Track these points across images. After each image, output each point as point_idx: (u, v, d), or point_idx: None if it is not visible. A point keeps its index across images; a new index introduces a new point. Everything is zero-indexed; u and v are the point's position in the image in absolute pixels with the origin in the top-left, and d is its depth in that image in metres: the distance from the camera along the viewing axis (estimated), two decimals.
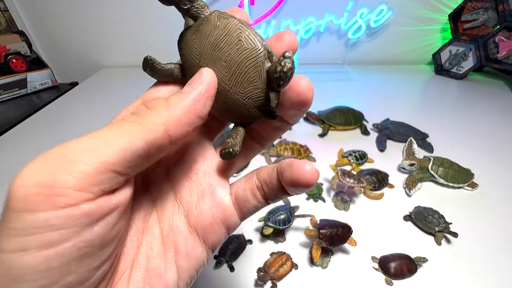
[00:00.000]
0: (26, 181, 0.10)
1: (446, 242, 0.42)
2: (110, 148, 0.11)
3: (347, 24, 0.99)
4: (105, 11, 1.01)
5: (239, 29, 0.15)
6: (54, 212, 0.09)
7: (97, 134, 0.11)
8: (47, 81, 0.94)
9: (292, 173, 0.14)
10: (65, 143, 0.11)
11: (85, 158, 0.10)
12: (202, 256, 0.16)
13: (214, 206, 0.16)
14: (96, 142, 0.11)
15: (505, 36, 0.88)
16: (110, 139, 0.11)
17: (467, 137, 0.67)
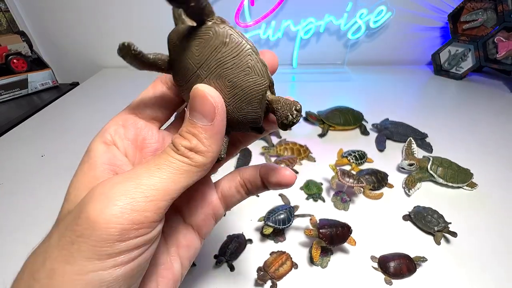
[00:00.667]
0: (120, 219, 0.12)
1: (445, 241, 0.42)
2: (177, 187, 0.14)
3: (346, 25, 1.00)
4: (106, 11, 1.01)
5: (249, 55, 0.15)
6: (141, 238, 0.13)
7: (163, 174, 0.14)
8: (48, 81, 0.95)
9: (277, 177, 0.19)
10: (139, 182, 0.13)
11: (162, 197, 0.13)
12: (198, 245, 0.20)
13: (205, 205, 0.20)
14: (167, 182, 0.14)
15: (504, 36, 0.88)
16: (177, 180, 0.14)
17: (466, 137, 0.67)
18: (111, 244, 0.12)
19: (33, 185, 0.53)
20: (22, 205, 0.49)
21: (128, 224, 0.12)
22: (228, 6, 0.97)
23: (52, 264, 0.12)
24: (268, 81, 0.16)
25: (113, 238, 0.12)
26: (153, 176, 0.14)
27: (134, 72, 0.98)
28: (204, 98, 0.15)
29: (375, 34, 1.07)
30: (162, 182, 0.14)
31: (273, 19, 0.99)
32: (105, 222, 0.12)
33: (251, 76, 0.15)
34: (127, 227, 0.12)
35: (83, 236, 0.12)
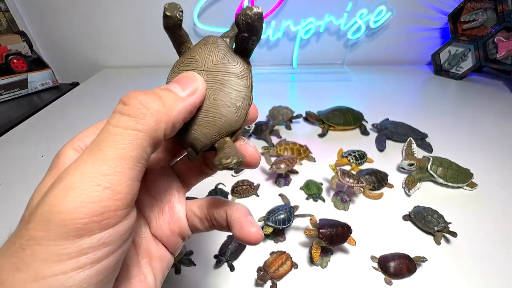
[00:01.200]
0: (77, 213, 0.11)
1: (445, 241, 0.42)
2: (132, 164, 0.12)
3: (346, 25, 1.00)
4: (106, 11, 1.01)
5: (244, 98, 0.17)
6: (105, 232, 0.11)
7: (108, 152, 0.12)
8: (48, 81, 0.95)
9: (240, 234, 0.17)
10: (84, 168, 0.12)
11: (120, 181, 0.12)
12: (170, 258, 0.19)
13: (173, 221, 0.19)
14: (116, 163, 0.12)
15: (504, 36, 0.88)
16: (125, 155, 0.12)
17: (466, 137, 0.67)
18: (71, 241, 0.11)
19: (33, 185, 0.52)
20: (22, 205, 0.49)
21: (86, 218, 0.11)
22: (228, 6, 0.97)
23: (0, 275, 0.11)
24: (238, 128, 0.17)
25: (72, 233, 0.11)
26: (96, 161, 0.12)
27: (134, 72, 0.99)
28: (192, 79, 0.16)
29: (375, 34, 1.07)
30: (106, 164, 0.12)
31: (273, 19, 0.99)
32: (60, 218, 0.11)
33: (232, 113, 0.16)
34: (86, 221, 0.11)
35: (35, 238, 0.11)
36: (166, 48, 1.16)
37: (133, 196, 0.13)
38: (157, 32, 1.06)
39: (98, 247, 0.11)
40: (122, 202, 0.12)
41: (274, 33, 1.01)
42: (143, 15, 1.02)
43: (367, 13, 0.97)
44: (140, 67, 1.12)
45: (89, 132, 0.18)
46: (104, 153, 0.12)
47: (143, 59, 1.13)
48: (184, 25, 0.18)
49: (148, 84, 0.93)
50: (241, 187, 0.48)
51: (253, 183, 0.50)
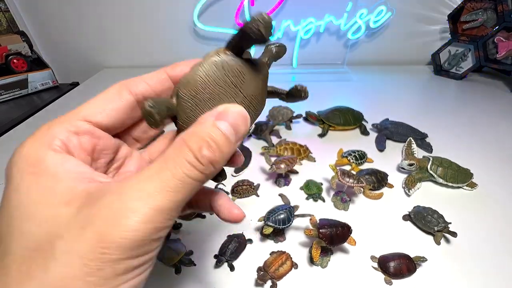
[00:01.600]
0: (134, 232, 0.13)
1: (445, 241, 0.42)
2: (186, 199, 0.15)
3: (346, 25, 1.00)
4: (106, 11, 1.01)
5: None
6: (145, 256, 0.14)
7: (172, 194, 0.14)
8: (48, 81, 0.95)
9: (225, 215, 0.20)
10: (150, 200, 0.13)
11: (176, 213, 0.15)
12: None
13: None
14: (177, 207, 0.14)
15: (504, 36, 0.88)
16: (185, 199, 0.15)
17: (466, 137, 0.67)
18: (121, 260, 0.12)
19: None
20: None
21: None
22: (228, 6, 0.97)
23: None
24: None
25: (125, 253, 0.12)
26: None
27: (134, 72, 0.98)
28: (246, 119, 0.16)
29: (375, 34, 1.07)
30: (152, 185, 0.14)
31: (273, 19, 0.99)
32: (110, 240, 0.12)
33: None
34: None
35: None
36: (166, 48, 1.16)
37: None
38: (157, 32, 1.06)
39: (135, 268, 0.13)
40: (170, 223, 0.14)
41: (274, 33, 1.01)
42: (143, 15, 1.02)
43: (367, 13, 0.97)
44: (140, 67, 1.12)
45: (61, 128, 0.16)
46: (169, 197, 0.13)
47: (143, 59, 1.13)
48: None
49: None
50: (241, 187, 0.48)
51: (253, 183, 0.50)
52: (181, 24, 1.03)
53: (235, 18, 0.98)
